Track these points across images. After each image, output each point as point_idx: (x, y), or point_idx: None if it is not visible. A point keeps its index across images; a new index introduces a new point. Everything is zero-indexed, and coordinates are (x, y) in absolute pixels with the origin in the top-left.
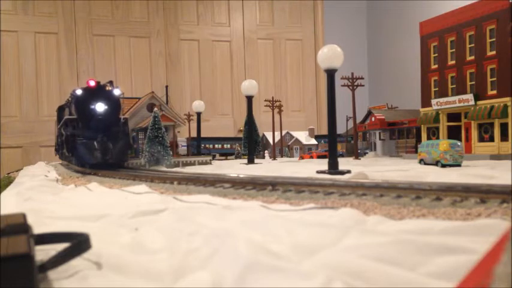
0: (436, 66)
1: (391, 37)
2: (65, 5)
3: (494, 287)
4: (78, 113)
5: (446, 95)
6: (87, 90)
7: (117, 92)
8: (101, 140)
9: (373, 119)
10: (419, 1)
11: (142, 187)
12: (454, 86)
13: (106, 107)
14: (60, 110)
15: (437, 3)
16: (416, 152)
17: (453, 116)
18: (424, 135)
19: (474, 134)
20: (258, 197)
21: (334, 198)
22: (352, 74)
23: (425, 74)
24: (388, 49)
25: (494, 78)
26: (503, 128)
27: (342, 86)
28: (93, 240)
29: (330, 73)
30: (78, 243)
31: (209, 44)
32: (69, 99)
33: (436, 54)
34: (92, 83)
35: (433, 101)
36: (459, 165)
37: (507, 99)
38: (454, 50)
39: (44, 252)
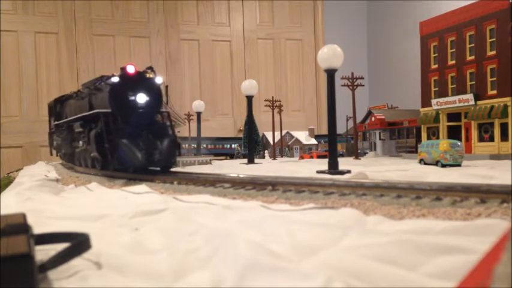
0: (436, 66)
1: (391, 37)
2: (65, 5)
3: (494, 287)
4: (116, 105)
5: (446, 95)
6: (125, 78)
7: (159, 80)
8: (146, 138)
9: (373, 119)
10: (419, 1)
11: (142, 187)
12: (454, 85)
13: (148, 98)
14: (58, 103)
15: (437, 3)
16: (416, 152)
17: (453, 116)
18: (424, 135)
19: (474, 134)
20: (258, 197)
21: (334, 198)
22: (352, 74)
23: (425, 74)
24: (388, 49)
25: (494, 78)
26: (503, 128)
27: (342, 86)
28: (93, 240)
29: (330, 73)
30: (78, 243)
31: (209, 44)
32: (81, 90)
33: (436, 54)
34: (131, 70)
35: (433, 101)
36: (459, 165)
37: (507, 99)
38: (454, 50)
39: (44, 252)
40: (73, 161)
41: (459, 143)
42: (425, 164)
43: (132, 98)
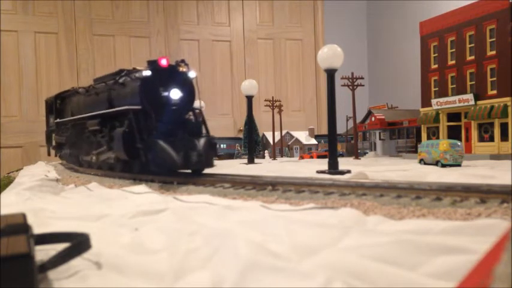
0: (436, 66)
1: (391, 37)
2: (65, 4)
3: (494, 287)
4: (149, 101)
5: (446, 95)
6: (157, 71)
7: (192, 74)
8: (182, 137)
9: (373, 118)
10: (419, 1)
11: (142, 187)
12: (454, 85)
13: (182, 94)
14: (59, 99)
15: (437, 3)
16: (416, 152)
17: (453, 116)
18: (424, 135)
19: (474, 134)
20: (258, 197)
21: (334, 198)
22: (352, 74)
23: (425, 74)
24: (388, 49)
25: (494, 78)
26: (503, 128)
27: (342, 86)
28: (93, 240)
29: (330, 73)
30: (78, 243)
31: (209, 44)
32: (93, 85)
33: (436, 54)
34: (164, 62)
35: (433, 101)
36: (459, 165)
37: (507, 99)
38: (454, 49)
39: (44, 252)
40: (79, 161)
41: (459, 143)
42: (425, 164)
43: (165, 93)
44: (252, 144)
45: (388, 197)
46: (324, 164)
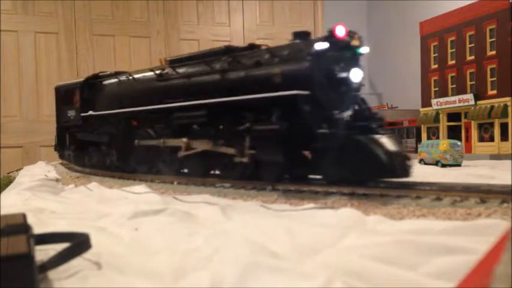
0: (436, 66)
1: (391, 37)
2: (65, 4)
3: (494, 287)
4: (330, 84)
5: (446, 95)
6: (334, 44)
7: (365, 49)
8: (383, 135)
9: None
10: (419, 1)
11: (142, 187)
12: (454, 85)
13: (361, 76)
14: (87, 87)
15: (437, 3)
16: (416, 152)
17: (453, 116)
18: (424, 135)
19: (474, 133)
20: (258, 197)
21: (334, 198)
22: None
23: (425, 74)
24: (388, 49)
25: (494, 78)
26: (503, 127)
27: None
28: (93, 240)
29: None
30: (78, 243)
31: (209, 44)
32: (174, 69)
33: (436, 54)
34: (342, 32)
35: (433, 101)
36: (459, 165)
37: (507, 99)
38: (454, 49)
39: (44, 252)
40: (131, 164)
41: (459, 143)
42: (425, 164)
43: (343, 74)
44: None
45: (388, 197)
46: None
